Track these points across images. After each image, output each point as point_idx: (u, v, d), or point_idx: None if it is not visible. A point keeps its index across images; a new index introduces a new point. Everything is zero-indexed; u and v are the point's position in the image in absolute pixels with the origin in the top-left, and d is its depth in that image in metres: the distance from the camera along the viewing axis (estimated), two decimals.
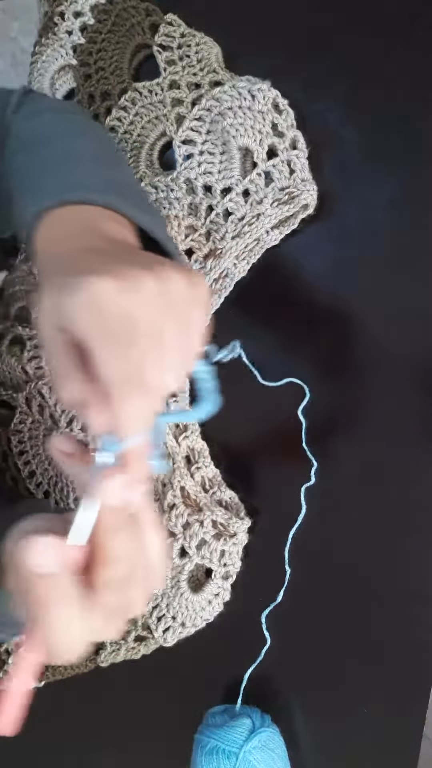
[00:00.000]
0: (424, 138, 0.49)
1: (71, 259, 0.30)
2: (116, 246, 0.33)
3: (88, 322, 0.26)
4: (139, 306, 0.27)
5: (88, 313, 0.26)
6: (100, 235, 0.33)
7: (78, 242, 0.33)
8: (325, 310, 0.52)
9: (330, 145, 0.51)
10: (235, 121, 0.52)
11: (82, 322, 0.27)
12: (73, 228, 0.34)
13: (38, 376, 0.59)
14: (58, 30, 0.62)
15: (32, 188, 0.39)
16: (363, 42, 0.51)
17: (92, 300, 0.26)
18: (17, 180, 0.42)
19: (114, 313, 0.26)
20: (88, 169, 0.39)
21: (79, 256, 0.31)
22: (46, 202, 0.35)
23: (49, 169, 0.39)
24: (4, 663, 0.59)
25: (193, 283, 0.29)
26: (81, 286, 0.26)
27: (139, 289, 0.27)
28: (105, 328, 0.26)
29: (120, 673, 0.58)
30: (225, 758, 0.49)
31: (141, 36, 0.58)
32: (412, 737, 0.52)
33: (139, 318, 0.27)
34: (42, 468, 0.60)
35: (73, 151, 0.41)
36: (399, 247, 0.50)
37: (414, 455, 0.50)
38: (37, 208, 0.36)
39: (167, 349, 0.28)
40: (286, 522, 0.53)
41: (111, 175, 0.39)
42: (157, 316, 0.27)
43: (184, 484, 0.55)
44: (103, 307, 0.26)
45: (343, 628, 0.53)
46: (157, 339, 0.27)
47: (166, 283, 0.28)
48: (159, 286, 0.27)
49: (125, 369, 0.27)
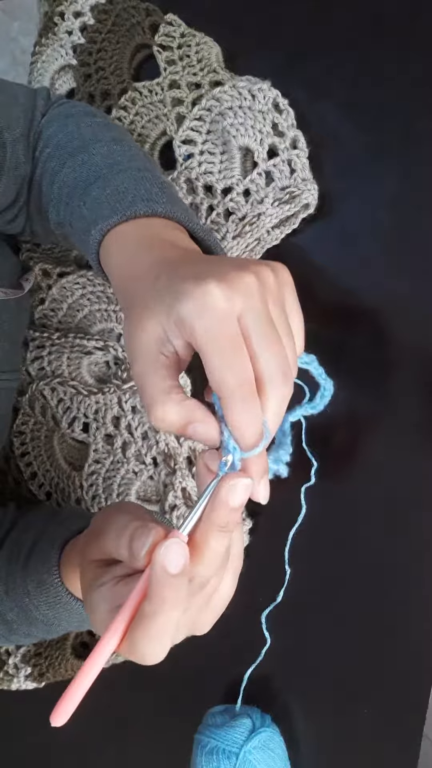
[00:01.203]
0: (424, 138, 0.49)
1: (161, 272, 0.30)
2: (192, 254, 0.33)
3: (205, 327, 0.27)
4: (249, 304, 0.27)
5: (206, 318, 0.27)
6: (172, 245, 0.34)
7: (157, 254, 0.33)
8: (325, 309, 0.52)
9: (330, 145, 0.51)
10: (236, 121, 0.52)
11: (199, 328, 0.27)
12: (147, 240, 0.34)
13: (40, 377, 0.59)
14: (58, 30, 0.62)
15: (88, 199, 0.39)
16: (363, 42, 0.51)
17: (208, 305, 0.26)
18: (61, 187, 0.42)
19: (229, 314, 0.27)
20: (139, 179, 0.39)
21: (168, 267, 0.31)
22: (113, 218, 0.35)
23: (99, 179, 0.39)
24: (4, 663, 0.59)
25: (277, 269, 0.30)
26: (195, 292, 0.27)
27: (244, 288, 0.27)
28: (224, 332, 0.27)
29: (120, 673, 0.58)
30: (225, 758, 0.49)
31: (141, 36, 0.58)
32: (412, 737, 0.52)
33: (255, 315, 0.27)
34: (44, 469, 0.60)
35: (116, 158, 0.41)
36: (399, 247, 0.50)
37: (414, 455, 0.50)
38: (105, 223, 0.36)
39: (283, 339, 0.29)
40: (286, 522, 0.53)
41: (159, 183, 0.39)
42: (266, 311, 0.28)
43: (185, 485, 0.55)
44: (218, 309, 0.26)
45: (343, 628, 0.53)
46: (274, 334, 0.28)
47: (261, 277, 0.28)
48: (257, 281, 0.28)
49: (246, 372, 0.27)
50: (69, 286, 0.58)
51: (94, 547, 0.33)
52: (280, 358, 0.28)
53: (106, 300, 0.57)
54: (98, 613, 0.30)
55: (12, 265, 0.54)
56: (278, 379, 0.28)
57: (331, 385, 0.32)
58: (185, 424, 0.28)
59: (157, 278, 0.30)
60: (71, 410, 0.58)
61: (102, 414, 0.58)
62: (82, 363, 0.58)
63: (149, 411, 0.28)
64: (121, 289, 0.34)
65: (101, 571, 0.32)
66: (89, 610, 0.31)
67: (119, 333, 0.57)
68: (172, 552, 0.26)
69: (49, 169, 0.43)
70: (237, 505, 0.28)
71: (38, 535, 0.46)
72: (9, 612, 0.45)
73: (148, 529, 0.28)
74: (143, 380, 0.29)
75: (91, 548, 0.33)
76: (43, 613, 0.43)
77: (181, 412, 0.28)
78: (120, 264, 0.35)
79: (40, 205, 0.45)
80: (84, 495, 0.58)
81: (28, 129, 0.45)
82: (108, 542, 0.31)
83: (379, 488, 0.51)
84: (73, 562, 0.42)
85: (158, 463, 0.57)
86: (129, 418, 0.57)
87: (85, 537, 0.37)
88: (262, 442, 0.28)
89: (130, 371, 0.37)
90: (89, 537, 0.35)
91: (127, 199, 0.37)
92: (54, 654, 0.58)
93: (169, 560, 0.26)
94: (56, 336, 0.57)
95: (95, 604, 0.30)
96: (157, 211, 0.36)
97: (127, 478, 0.58)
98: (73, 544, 0.43)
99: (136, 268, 0.33)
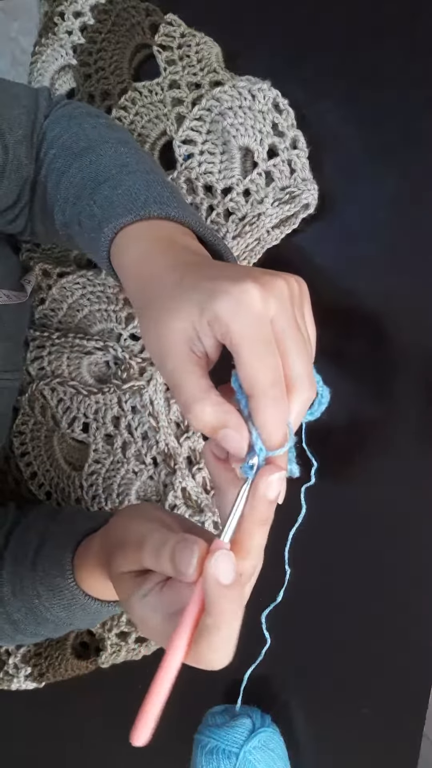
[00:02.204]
0: (423, 138, 0.49)
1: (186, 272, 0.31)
2: (208, 259, 0.34)
3: (242, 325, 0.27)
4: (283, 308, 0.28)
5: (244, 316, 0.27)
6: (186, 248, 0.34)
7: (176, 255, 0.33)
8: (325, 309, 0.52)
9: (330, 145, 0.51)
10: (236, 121, 0.52)
11: (236, 325, 0.27)
12: (161, 242, 0.35)
13: (40, 377, 0.59)
14: (58, 30, 0.62)
15: (98, 198, 0.39)
16: (363, 42, 0.51)
17: (246, 302, 0.27)
18: (68, 187, 0.42)
19: (265, 315, 0.27)
20: (150, 182, 0.39)
21: (191, 268, 0.31)
22: (128, 217, 0.36)
23: (110, 180, 0.39)
24: (4, 663, 0.59)
25: (300, 281, 0.31)
26: (233, 291, 0.27)
27: (278, 292, 0.28)
28: (261, 332, 0.27)
29: (120, 673, 0.58)
30: (225, 758, 0.49)
31: (141, 36, 0.58)
32: (412, 737, 0.52)
33: (287, 318, 0.28)
34: (44, 469, 0.60)
35: (125, 160, 0.41)
36: (399, 247, 0.50)
37: (414, 455, 0.50)
38: (119, 221, 0.36)
39: (310, 345, 0.30)
40: (286, 522, 0.52)
41: (169, 187, 0.39)
42: (293, 316, 0.29)
43: (185, 485, 0.55)
44: (256, 309, 0.27)
45: (343, 628, 0.53)
46: (302, 339, 0.29)
47: (289, 284, 0.29)
48: (288, 288, 0.29)
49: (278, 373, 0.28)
50: (69, 286, 0.58)
51: (127, 561, 0.33)
52: (307, 362, 0.29)
53: (106, 300, 0.57)
54: (152, 624, 0.30)
55: (12, 265, 0.54)
56: (306, 382, 0.29)
57: (328, 393, 0.33)
58: (218, 427, 0.28)
59: (183, 278, 0.30)
60: (71, 410, 0.58)
61: (102, 414, 0.58)
62: (82, 363, 0.58)
63: (187, 408, 0.28)
64: (136, 288, 0.34)
65: (139, 580, 0.32)
66: (139, 621, 0.31)
67: (119, 333, 0.57)
68: (222, 564, 0.27)
69: (55, 169, 0.43)
70: (275, 498, 0.29)
71: (42, 535, 0.46)
72: (16, 612, 0.45)
73: (189, 543, 0.28)
74: (179, 378, 0.29)
75: (121, 561, 0.33)
76: (56, 615, 0.44)
77: (218, 413, 0.28)
78: (135, 262, 0.35)
79: (45, 205, 0.45)
80: (84, 495, 0.58)
81: (30, 130, 0.45)
82: (146, 558, 0.31)
83: (380, 488, 0.51)
84: (87, 564, 0.41)
85: (158, 463, 0.57)
86: (129, 418, 0.57)
87: (106, 547, 0.37)
88: (287, 442, 0.28)
89: (159, 370, 0.37)
90: (114, 548, 0.35)
91: (140, 199, 0.37)
92: (54, 654, 0.58)
93: (220, 573, 0.27)
94: (56, 336, 0.57)
95: (146, 616, 0.31)
96: (170, 214, 0.36)
97: (127, 478, 0.58)
98: (86, 547, 0.43)
99: (153, 267, 0.33)
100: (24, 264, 0.59)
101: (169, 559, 0.29)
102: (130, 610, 0.32)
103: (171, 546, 0.29)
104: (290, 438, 0.29)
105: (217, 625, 0.27)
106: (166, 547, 0.30)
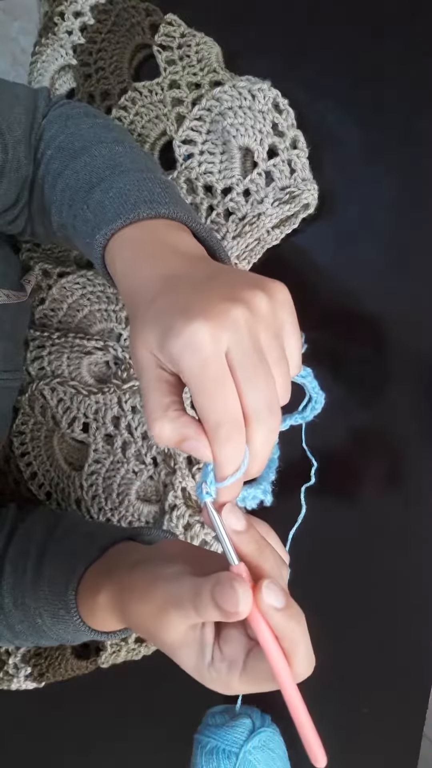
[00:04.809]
0: (423, 138, 0.49)
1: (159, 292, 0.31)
2: (194, 265, 0.34)
3: (190, 365, 0.27)
4: (237, 339, 0.28)
5: (190, 357, 0.27)
6: (174, 251, 0.34)
7: (159, 264, 0.33)
8: (325, 309, 0.52)
9: (330, 145, 0.51)
10: (236, 121, 0.52)
11: (185, 365, 0.27)
12: (149, 246, 0.35)
13: (40, 377, 0.59)
14: (58, 30, 0.62)
15: (91, 203, 0.39)
16: (363, 42, 0.51)
17: (194, 345, 0.27)
18: (64, 189, 0.42)
19: (214, 353, 0.27)
20: (142, 180, 0.39)
21: (166, 287, 0.31)
22: (117, 222, 0.36)
23: (102, 182, 0.39)
24: (4, 663, 0.59)
25: (273, 291, 0.30)
26: (183, 333, 0.27)
27: (231, 323, 0.27)
28: (208, 372, 0.27)
29: (120, 673, 0.58)
30: (225, 758, 0.48)
31: (141, 36, 0.58)
32: (412, 737, 0.52)
33: (242, 350, 0.28)
34: (44, 469, 0.60)
35: (118, 159, 0.41)
36: (399, 247, 0.50)
37: (414, 455, 0.50)
38: (108, 228, 0.36)
39: (274, 369, 0.29)
40: (286, 522, 0.53)
41: (161, 183, 0.39)
42: (253, 344, 0.28)
43: (185, 485, 0.55)
44: (204, 350, 0.27)
45: (343, 628, 0.53)
46: (261, 367, 0.28)
47: (252, 305, 0.29)
48: (247, 311, 0.28)
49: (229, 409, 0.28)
50: (69, 286, 0.58)
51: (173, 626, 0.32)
52: (266, 392, 0.28)
53: (106, 300, 0.57)
54: (234, 685, 0.31)
55: (13, 265, 0.54)
56: (264, 414, 0.28)
57: (322, 398, 0.33)
58: (180, 440, 0.29)
59: (155, 299, 0.30)
60: (71, 410, 0.58)
61: (102, 414, 0.58)
62: (82, 363, 0.58)
63: (149, 426, 0.30)
64: (125, 296, 0.34)
65: (192, 634, 0.32)
66: (222, 688, 0.32)
67: (119, 333, 0.57)
68: (272, 594, 0.29)
69: (51, 171, 0.43)
70: (243, 528, 0.30)
71: (41, 549, 0.46)
72: (18, 624, 0.45)
73: (228, 586, 0.29)
74: (145, 394, 0.30)
75: (167, 630, 0.32)
76: (60, 635, 0.44)
77: (176, 428, 0.29)
78: (124, 272, 0.35)
79: (43, 206, 0.45)
80: (84, 495, 0.58)
81: (29, 130, 0.45)
82: (190, 615, 0.31)
83: (379, 489, 0.51)
84: (94, 607, 0.40)
85: (158, 463, 0.57)
86: (129, 418, 0.57)
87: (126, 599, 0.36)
88: (236, 473, 0.29)
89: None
90: (148, 619, 0.34)
91: (130, 201, 0.37)
92: (54, 654, 0.58)
93: (273, 602, 0.29)
94: (56, 336, 0.57)
95: (226, 680, 0.31)
96: (160, 212, 0.36)
97: (127, 478, 0.58)
98: (91, 587, 0.41)
99: (138, 277, 0.33)
100: (24, 264, 0.59)
101: (214, 608, 0.29)
102: (192, 666, 0.33)
103: (207, 596, 0.30)
104: (243, 466, 0.29)
105: (296, 642, 0.29)
106: (203, 599, 0.30)
